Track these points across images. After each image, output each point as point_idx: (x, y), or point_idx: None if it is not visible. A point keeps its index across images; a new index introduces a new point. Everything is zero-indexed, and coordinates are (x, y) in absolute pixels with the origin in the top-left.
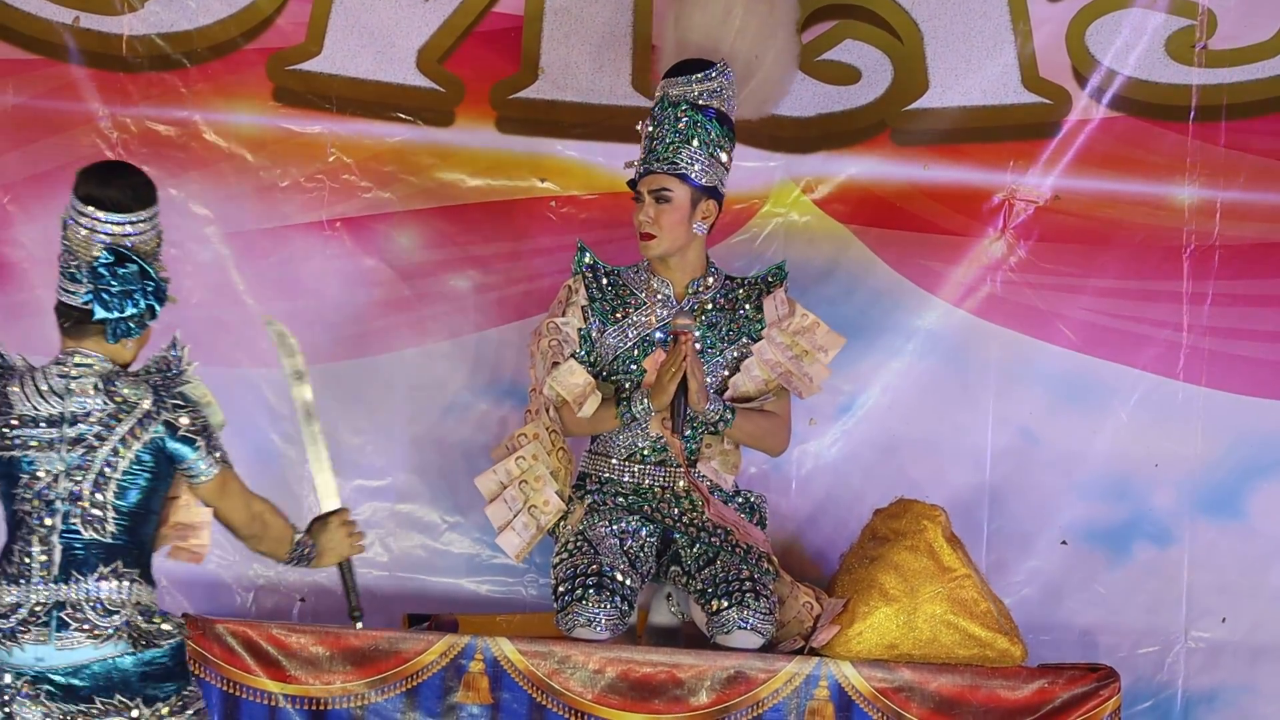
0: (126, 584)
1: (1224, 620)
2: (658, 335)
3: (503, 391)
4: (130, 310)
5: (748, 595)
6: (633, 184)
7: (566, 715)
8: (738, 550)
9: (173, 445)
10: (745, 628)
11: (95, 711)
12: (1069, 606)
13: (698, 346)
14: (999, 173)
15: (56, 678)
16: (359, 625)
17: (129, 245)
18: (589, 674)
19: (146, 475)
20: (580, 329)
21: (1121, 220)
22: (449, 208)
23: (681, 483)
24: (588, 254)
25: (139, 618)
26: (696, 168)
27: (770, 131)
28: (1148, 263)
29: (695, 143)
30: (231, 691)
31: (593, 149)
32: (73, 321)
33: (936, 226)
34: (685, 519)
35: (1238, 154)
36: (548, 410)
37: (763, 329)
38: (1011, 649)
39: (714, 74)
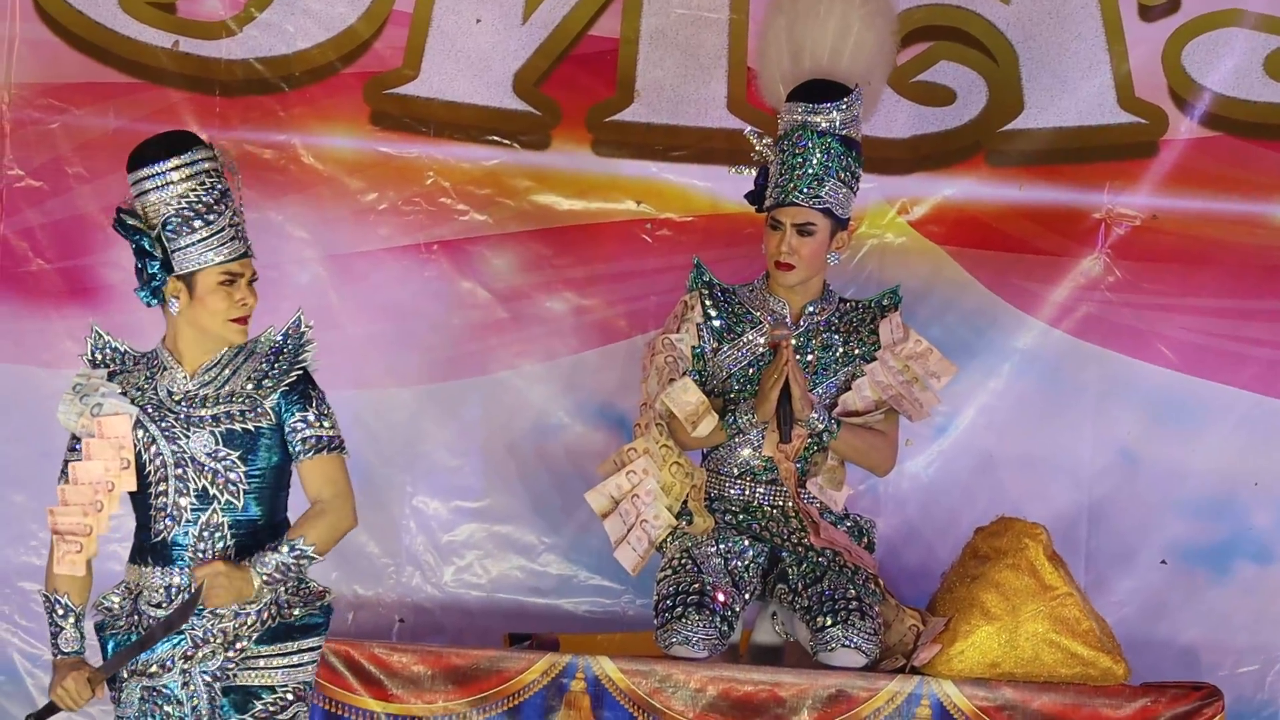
0: None
1: None
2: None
3: (598, 413)
4: None
5: (853, 614)
6: (759, 203)
7: None
8: (845, 570)
9: None
10: (849, 646)
11: None
12: (1169, 625)
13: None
14: (1095, 193)
15: None
16: None
17: None
18: (690, 693)
19: None
20: (694, 346)
21: (1220, 239)
22: (545, 230)
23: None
24: (705, 271)
25: None
26: (837, 200)
27: (865, 153)
28: (1246, 281)
29: (836, 175)
30: (334, 710)
31: (689, 171)
32: None
33: (1032, 247)
34: (794, 538)
35: None
36: (658, 424)
37: (877, 351)
38: (1114, 668)
39: (850, 101)
